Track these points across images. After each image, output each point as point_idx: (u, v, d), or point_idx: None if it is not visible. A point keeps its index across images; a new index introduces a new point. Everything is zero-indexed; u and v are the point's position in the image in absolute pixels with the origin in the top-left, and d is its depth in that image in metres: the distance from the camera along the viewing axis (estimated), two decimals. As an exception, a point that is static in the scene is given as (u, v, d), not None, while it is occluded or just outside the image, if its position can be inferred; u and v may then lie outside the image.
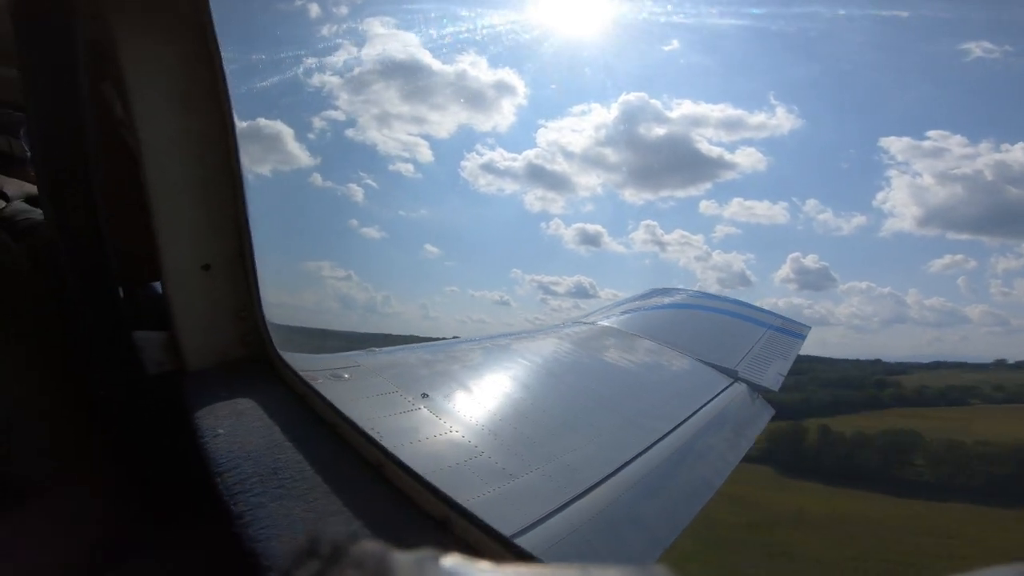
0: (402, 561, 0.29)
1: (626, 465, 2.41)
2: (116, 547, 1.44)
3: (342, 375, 2.41)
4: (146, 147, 1.42)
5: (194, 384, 1.49)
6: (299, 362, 1.57)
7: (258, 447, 1.13)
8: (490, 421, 2.42)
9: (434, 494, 0.93)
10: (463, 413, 2.41)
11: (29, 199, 1.79)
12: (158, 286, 1.82)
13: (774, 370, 4.01)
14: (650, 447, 2.61)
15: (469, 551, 0.84)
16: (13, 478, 1.40)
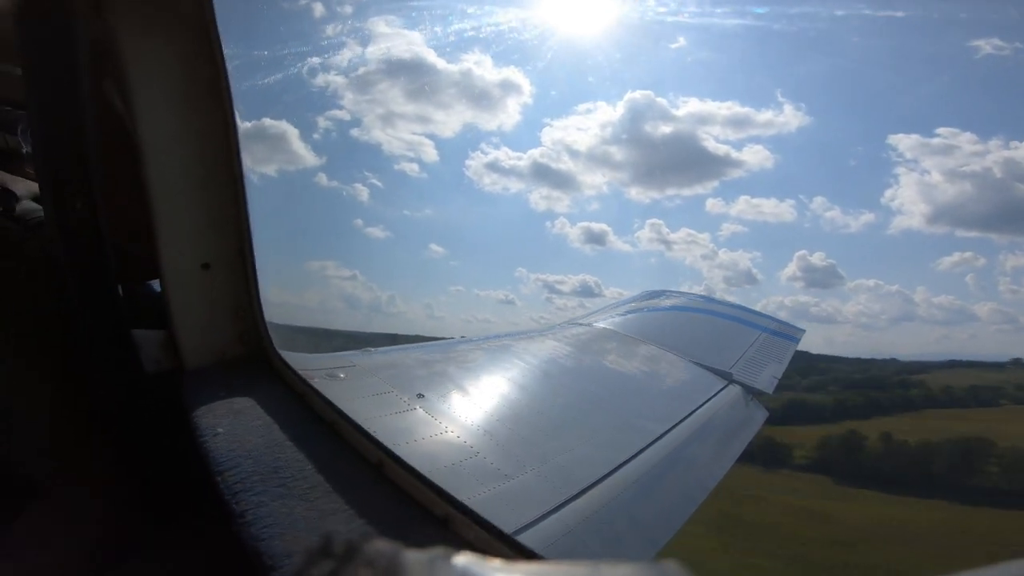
0: (413, 560, 0.29)
1: (621, 466, 2.41)
2: (116, 546, 1.43)
3: (338, 375, 2.40)
4: (147, 146, 1.42)
5: (192, 383, 1.49)
6: (295, 362, 1.57)
7: (258, 446, 1.13)
8: (485, 421, 2.42)
9: (435, 492, 0.93)
10: (459, 413, 2.41)
11: (36, 198, 1.79)
12: (155, 284, 1.82)
13: (768, 373, 4.03)
14: (645, 448, 2.61)
15: (471, 549, 0.84)
16: (14, 478, 1.39)
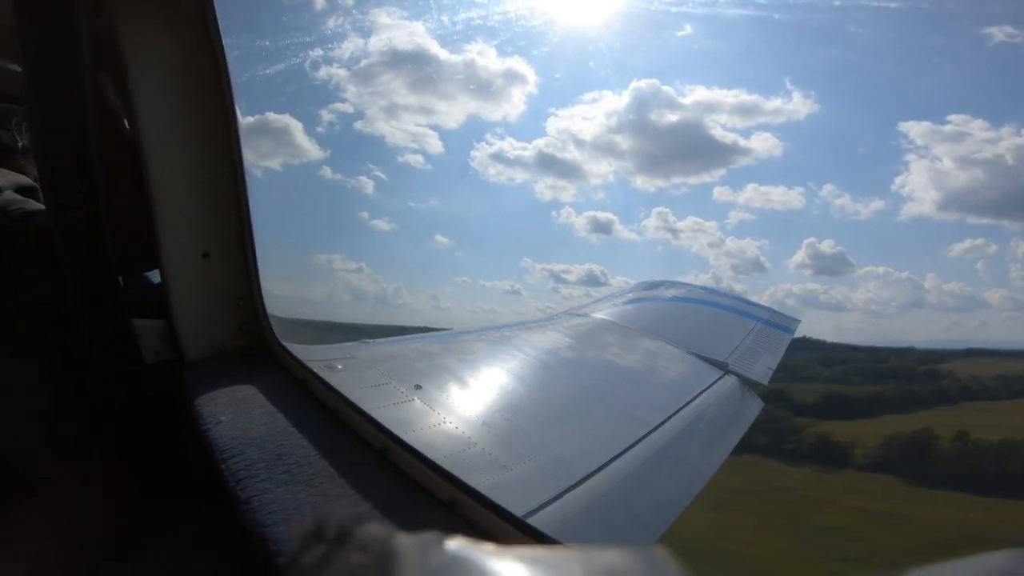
0: (406, 544, 0.29)
1: (619, 456, 2.42)
2: (117, 538, 1.43)
3: (336, 366, 2.40)
4: (146, 136, 1.41)
5: (193, 373, 1.49)
6: (294, 352, 1.57)
7: (261, 433, 1.13)
8: (483, 412, 2.42)
9: (441, 476, 0.94)
10: (456, 404, 2.41)
11: (20, 190, 1.76)
12: (153, 276, 1.81)
13: (764, 364, 4.05)
14: (642, 438, 2.62)
15: (477, 531, 0.85)
16: (14, 471, 1.39)
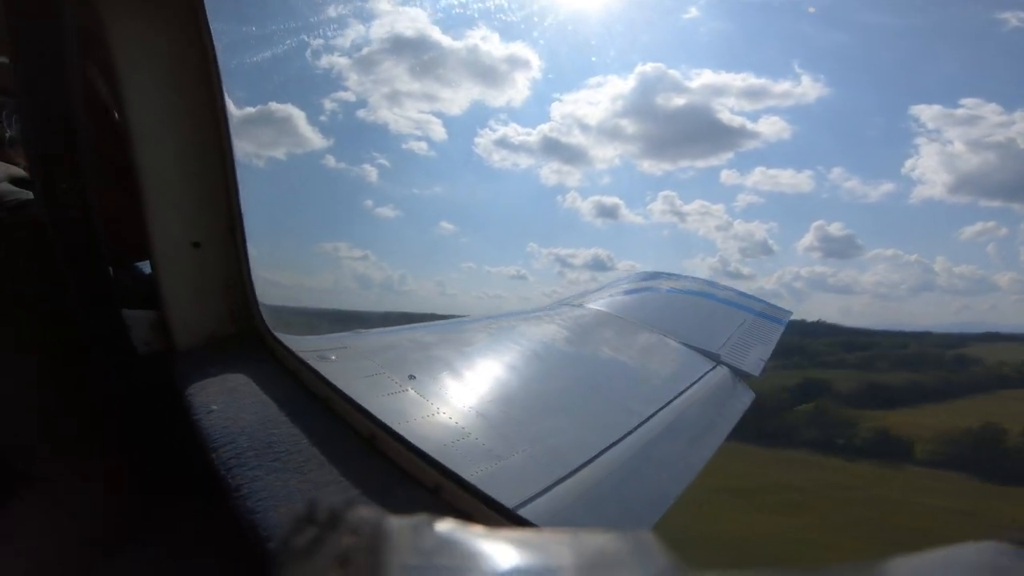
0: (397, 527, 0.29)
1: (612, 446, 2.43)
2: (113, 530, 1.44)
3: (329, 356, 2.40)
4: (134, 125, 1.41)
5: (184, 363, 1.49)
6: (287, 343, 1.58)
7: (252, 422, 1.14)
8: (477, 402, 2.43)
9: (426, 462, 0.95)
10: (450, 394, 2.42)
11: (15, 181, 1.76)
12: (143, 267, 1.81)
13: (755, 355, 4.06)
14: (635, 428, 2.63)
15: (462, 517, 0.86)
16: (7, 464, 1.39)
